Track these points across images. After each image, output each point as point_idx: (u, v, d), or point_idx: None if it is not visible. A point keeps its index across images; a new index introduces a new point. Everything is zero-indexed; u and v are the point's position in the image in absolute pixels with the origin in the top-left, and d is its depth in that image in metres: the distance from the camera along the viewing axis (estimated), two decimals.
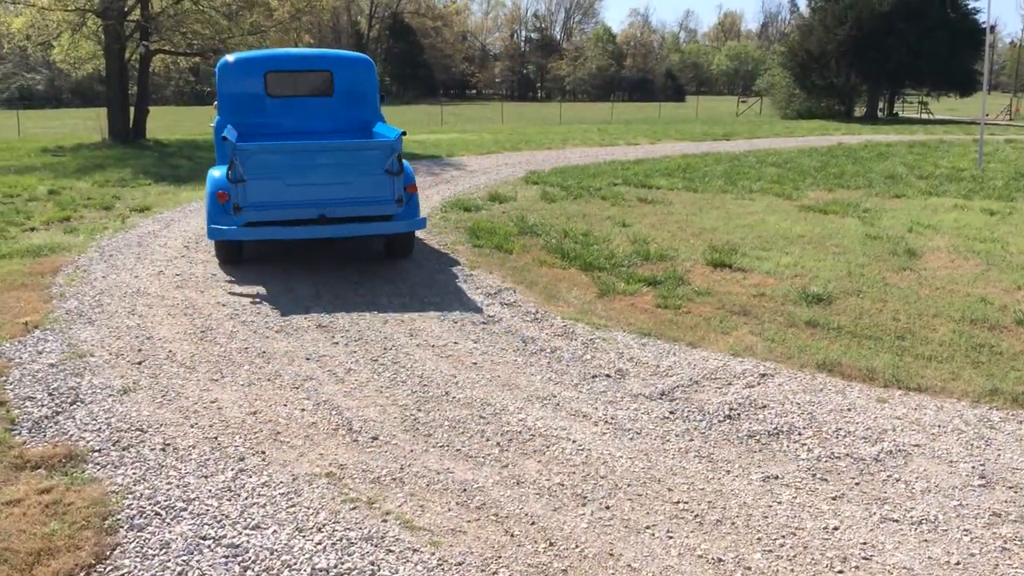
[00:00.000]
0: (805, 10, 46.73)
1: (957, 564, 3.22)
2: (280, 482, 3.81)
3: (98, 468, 3.92)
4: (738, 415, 4.59)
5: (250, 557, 3.23)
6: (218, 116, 8.92)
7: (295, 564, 3.19)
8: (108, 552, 3.24)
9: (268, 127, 8.86)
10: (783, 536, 3.41)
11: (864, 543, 3.36)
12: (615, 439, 4.31)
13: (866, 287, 7.12)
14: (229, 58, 9.15)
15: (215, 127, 8.96)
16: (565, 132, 27.81)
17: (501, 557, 3.26)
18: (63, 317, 6.24)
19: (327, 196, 7.47)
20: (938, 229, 9.65)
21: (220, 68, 9.01)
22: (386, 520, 3.50)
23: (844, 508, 3.63)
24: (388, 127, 8.70)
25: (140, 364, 5.30)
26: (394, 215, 7.68)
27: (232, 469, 3.93)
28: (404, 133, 7.85)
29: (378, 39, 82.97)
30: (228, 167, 7.28)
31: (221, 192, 7.44)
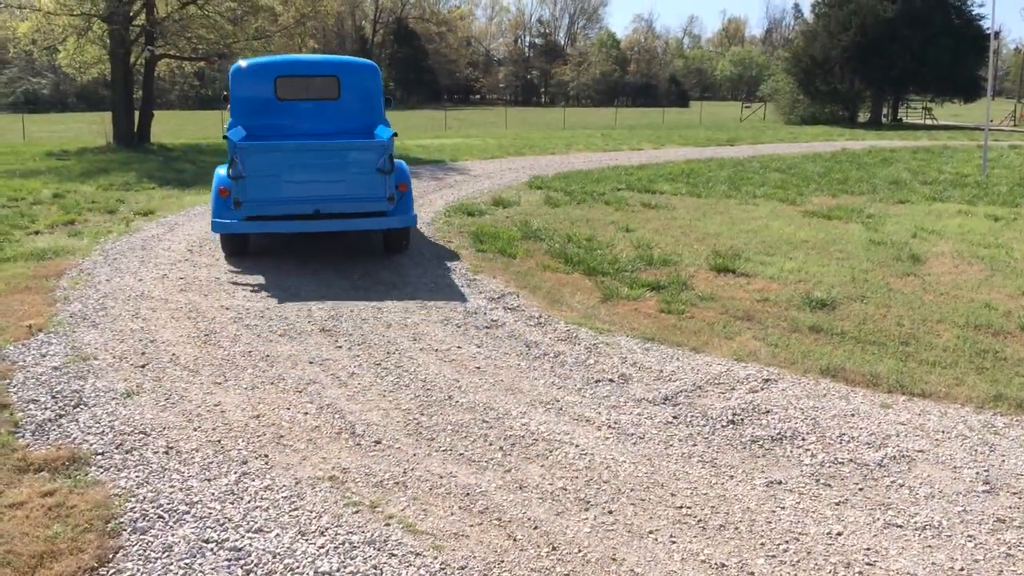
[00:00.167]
0: (809, 16, 46.76)
1: (961, 570, 3.21)
2: (283, 486, 3.81)
3: (101, 471, 3.92)
4: (741, 420, 4.59)
5: (253, 560, 3.23)
6: (230, 118, 9.28)
7: (298, 568, 3.19)
8: (111, 555, 3.25)
9: (277, 128, 9.21)
10: (786, 541, 3.40)
11: (868, 549, 3.35)
12: (618, 444, 4.30)
13: (870, 292, 7.11)
14: (242, 63, 9.51)
15: (227, 128, 9.17)
16: (569, 137, 27.84)
17: (504, 561, 3.25)
18: (67, 320, 6.25)
19: (322, 193, 7.94)
20: (942, 235, 9.64)
21: (233, 72, 9.36)
22: (389, 524, 3.50)
23: (848, 513, 3.62)
24: (386, 130, 8.97)
25: (143, 367, 5.30)
26: (386, 212, 8.09)
27: (235, 472, 3.93)
28: (396, 135, 8.26)
29: (382, 44, 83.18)
30: (229, 164, 7.73)
31: (222, 188, 7.97)
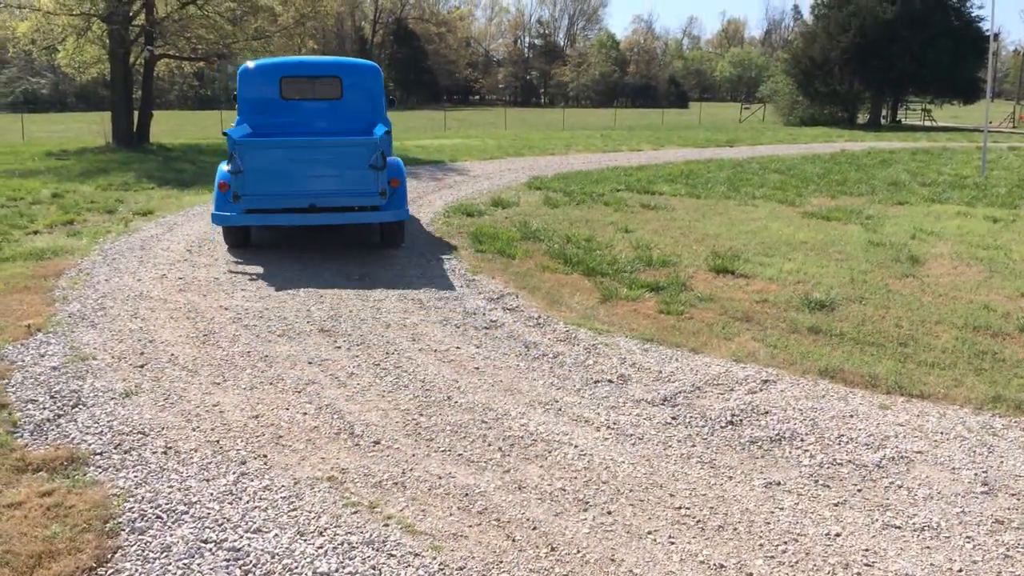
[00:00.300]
0: (809, 17, 46.81)
1: (960, 571, 3.21)
2: (282, 486, 3.81)
3: (100, 471, 3.92)
4: (740, 421, 4.59)
5: (251, 561, 3.23)
6: (238, 116, 9.71)
7: (296, 568, 3.19)
8: (109, 555, 3.24)
9: (281, 126, 9.59)
10: (785, 542, 3.40)
11: (866, 550, 3.35)
12: (617, 444, 4.30)
13: (869, 294, 7.11)
14: (249, 64, 9.90)
15: (235, 124, 9.68)
16: (568, 138, 27.84)
17: (502, 562, 3.25)
18: (66, 320, 6.24)
19: (317, 188, 8.28)
20: (941, 236, 9.65)
21: (241, 73, 9.79)
22: (388, 524, 3.50)
23: (846, 514, 3.62)
24: (381, 128, 9.25)
25: (142, 367, 5.30)
26: (379, 206, 8.42)
27: (234, 473, 3.93)
28: (388, 131, 8.45)
29: (382, 44, 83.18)
30: (228, 160, 8.12)
31: (222, 182, 8.33)
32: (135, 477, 3.86)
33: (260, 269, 8.03)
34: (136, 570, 3.15)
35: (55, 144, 23.46)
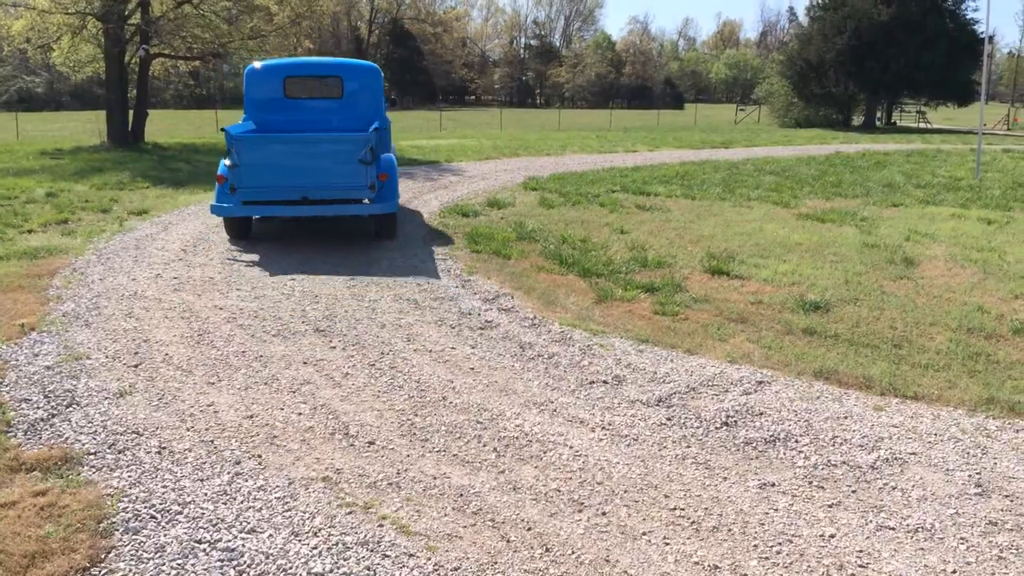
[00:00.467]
0: (804, 19, 46.94)
1: (953, 573, 3.22)
2: (276, 486, 3.80)
3: (94, 471, 3.91)
4: (735, 422, 4.59)
5: (245, 561, 3.22)
6: (244, 113, 10.29)
7: (291, 568, 3.18)
8: (103, 555, 3.24)
9: (284, 123, 10.09)
10: (779, 543, 3.41)
11: (860, 551, 3.36)
12: (612, 445, 4.31)
13: (863, 295, 7.13)
14: (256, 64, 10.40)
15: (242, 121, 10.30)
16: (564, 139, 27.86)
17: (497, 563, 3.25)
18: (60, 319, 6.23)
19: (309, 181, 8.68)
20: (935, 238, 9.67)
21: (248, 73, 10.31)
22: (382, 525, 3.50)
23: (840, 516, 3.63)
24: (373, 125, 9.52)
25: (137, 367, 5.29)
26: (368, 199, 8.82)
27: (228, 473, 3.92)
28: (376, 129, 8.95)
29: (378, 44, 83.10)
30: (226, 154, 8.53)
31: (220, 175, 8.82)
32: (129, 477, 3.85)
33: (255, 269, 8.02)
34: (130, 570, 3.15)
35: (50, 143, 23.39)
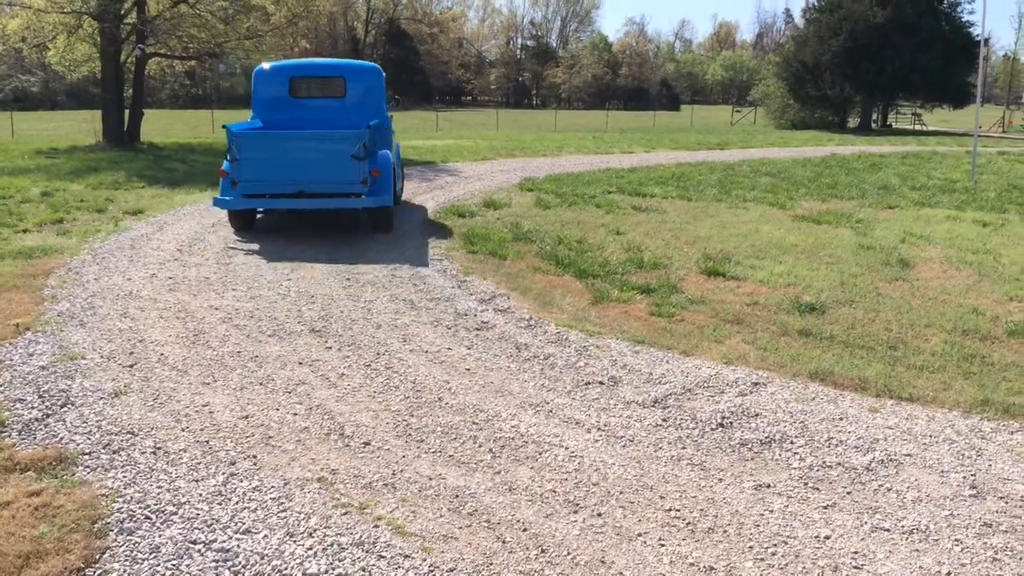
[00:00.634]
0: (800, 21, 47.03)
1: (948, 574, 3.23)
2: (271, 487, 3.80)
3: (88, 471, 3.90)
4: (730, 423, 4.60)
5: (240, 562, 3.21)
6: (252, 112, 10.83)
7: (286, 569, 3.18)
8: (97, 556, 3.23)
9: (290, 121, 10.57)
10: (775, 544, 3.41)
11: (855, 552, 3.37)
12: (608, 446, 4.31)
13: (859, 297, 7.14)
14: (265, 65, 10.95)
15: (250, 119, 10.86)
16: (560, 140, 27.87)
17: (492, 564, 3.25)
18: (55, 319, 6.21)
19: (305, 175, 9.13)
20: (931, 240, 9.69)
21: (256, 73, 10.83)
22: (377, 526, 3.49)
23: (836, 517, 3.64)
24: (367, 123, 9.90)
25: (132, 367, 5.28)
26: (361, 193, 9.20)
27: (223, 473, 3.91)
28: (369, 126, 9.34)
29: (374, 45, 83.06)
30: (227, 150, 9.03)
31: (222, 169, 9.32)
32: (124, 477, 3.84)
33: (251, 269, 8.00)
34: (124, 571, 3.14)
35: (45, 142, 23.34)
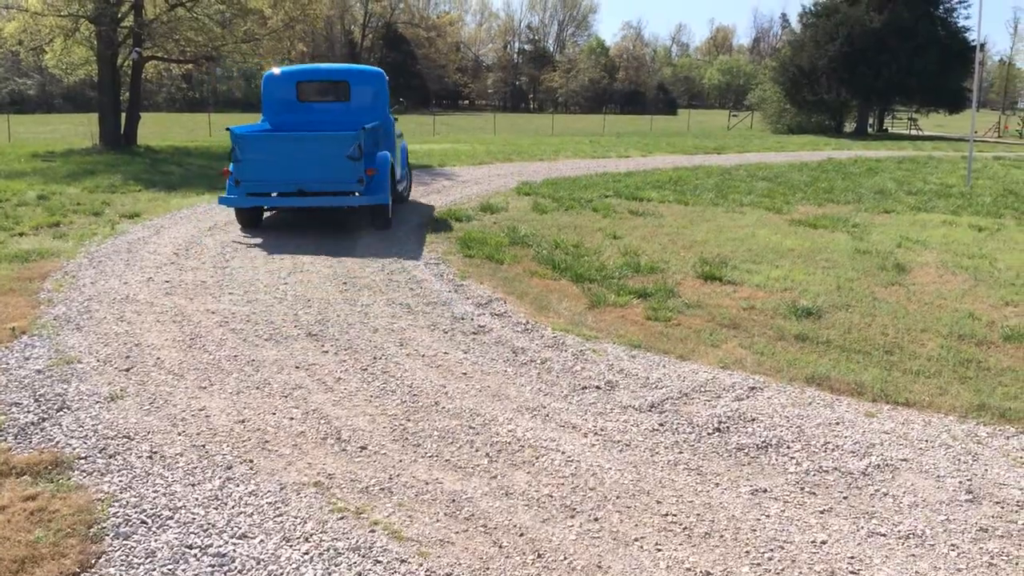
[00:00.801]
0: (796, 26, 47.06)
1: None
2: (268, 491, 3.79)
3: (84, 475, 3.89)
4: (727, 428, 4.60)
5: (236, 567, 3.21)
6: (262, 115, 11.42)
7: (282, 574, 3.17)
8: (93, 560, 3.22)
9: (297, 124, 11.12)
10: (771, 549, 3.41)
11: (852, 557, 3.37)
12: (604, 451, 4.31)
13: (855, 301, 7.15)
14: (275, 71, 11.55)
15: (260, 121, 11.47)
16: (557, 144, 27.90)
17: (489, 568, 3.25)
18: (51, 323, 6.20)
19: (304, 175, 9.60)
20: (927, 244, 9.71)
21: (266, 78, 11.45)
22: (374, 530, 3.49)
23: (832, 522, 3.64)
24: (362, 125, 10.31)
25: (128, 371, 5.27)
26: (358, 192, 9.68)
27: (219, 478, 3.91)
28: (364, 128, 9.71)
29: (371, 49, 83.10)
30: (231, 151, 9.58)
31: (226, 169, 9.81)
32: (120, 482, 3.83)
33: (248, 273, 8.00)
34: (120, 575, 3.13)
35: (41, 145, 23.31)
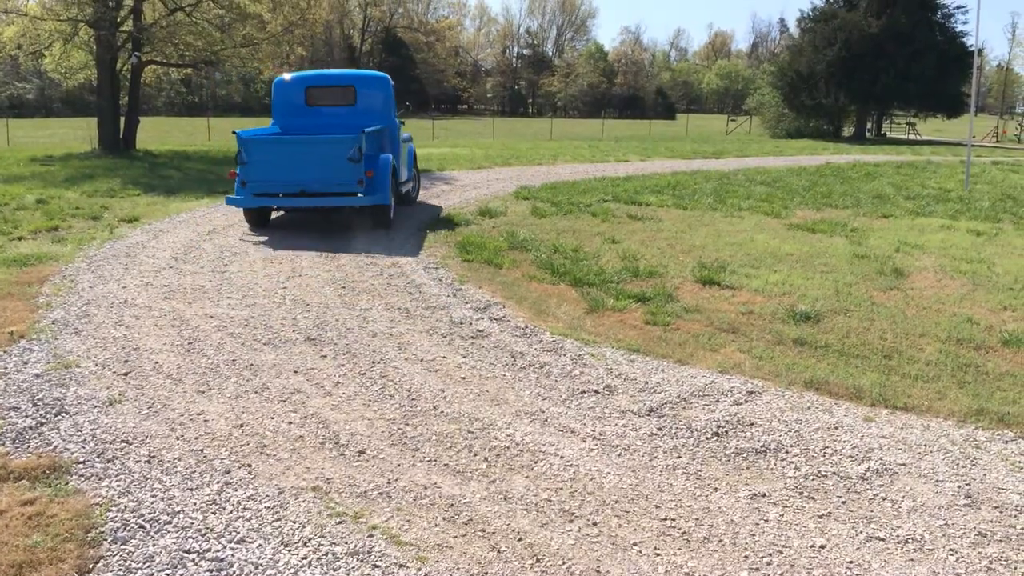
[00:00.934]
0: (795, 31, 47.21)
1: None
2: (266, 496, 3.79)
3: (82, 480, 3.88)
4: (726, 432, 4.60)
5: (235, 571, 3.20)
6: (272, 119, 11.87)
7: None
8: (91, 565, 3.21)
9: (305, 127, 11.56)
10: (770, 554, 3.41)
11: (851, 562, 3.37)
12: (603, 455, 4.30)
13: (853, 306, 7.15)
14: (285, 76, 11.97)
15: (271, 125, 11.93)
16: (556, 148, 27.92)
17: (488, 573, 3.24)
18: (49, 327, 6.20)
19: (307, 176, 10.00)
20: (925, 249, 9.72)
21: (276, 84, 11.91)
22: (372, 535, 3.48)
23: (831, 526, 3.64)
24: (362, 128, 10.61)
25: (126, 375, 5.26)
26: (358, 193, 10.06)
27: (217, 482, 3.90)
28: (364, 132, 10.04)
29: (370, 53, 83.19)
30: (237, 154, 10.03)
31: (232, 171, 10.30)
32: (118, 486, 3.83)
33: (246, 277, 8.00)
34: None
35: (40, 149, 23.31)
